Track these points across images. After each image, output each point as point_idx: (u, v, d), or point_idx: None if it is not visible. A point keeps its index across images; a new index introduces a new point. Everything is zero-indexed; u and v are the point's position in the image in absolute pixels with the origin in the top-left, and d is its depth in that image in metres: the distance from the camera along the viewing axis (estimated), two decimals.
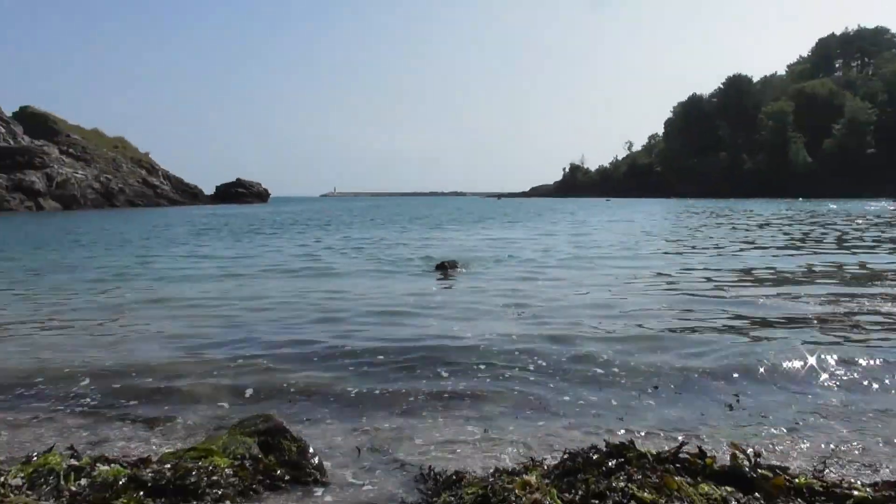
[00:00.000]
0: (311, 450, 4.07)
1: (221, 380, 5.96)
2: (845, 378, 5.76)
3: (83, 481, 3.23)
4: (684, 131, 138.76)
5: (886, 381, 5.66)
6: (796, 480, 3.30)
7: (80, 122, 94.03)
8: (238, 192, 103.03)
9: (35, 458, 3.46)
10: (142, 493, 3.15)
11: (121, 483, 3.20)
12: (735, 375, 5.86)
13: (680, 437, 4.21)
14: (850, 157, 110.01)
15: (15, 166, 70.57)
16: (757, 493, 3.18)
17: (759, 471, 3.34)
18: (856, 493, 3.14)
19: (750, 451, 3.55)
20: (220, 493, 3.41)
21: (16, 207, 65.97)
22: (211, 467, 3.58)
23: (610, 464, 3.41)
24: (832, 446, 4.26)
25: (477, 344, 7.01)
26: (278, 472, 3.78)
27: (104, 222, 42.01)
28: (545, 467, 3.64)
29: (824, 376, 5.78)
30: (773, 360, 6.15)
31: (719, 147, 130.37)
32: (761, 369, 5.99)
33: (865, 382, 5.65)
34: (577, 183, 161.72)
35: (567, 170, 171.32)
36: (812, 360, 6.09)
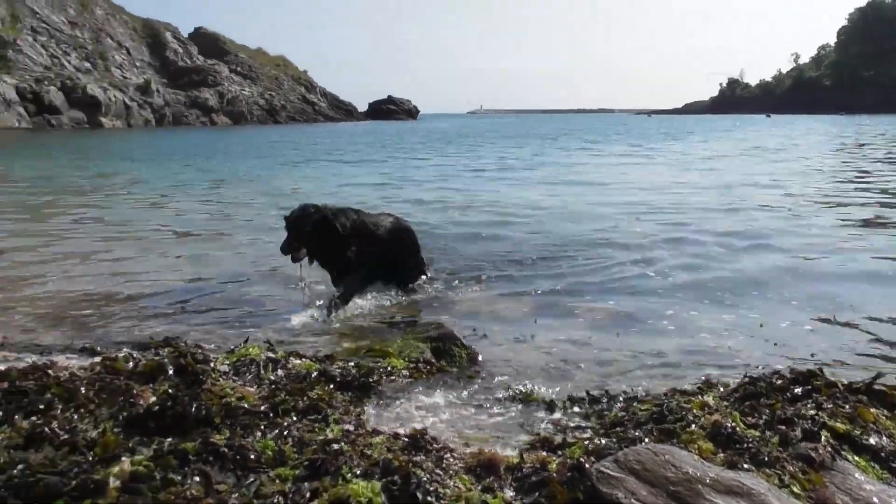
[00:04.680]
0: (480, 357, 4.19)
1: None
2: None
3: (280, 372, 3.52)
4: (861, 40, 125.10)
5: None
6: None
7: (245, 42, 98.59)
8: (389, 109, 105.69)
9: (237, 350, 3.79)
10: (331, 386, 3.39)
11: (313, 376, 3.45)
12: None
13: None
14: None
15: (191, 84, 76.63)
16: None
17: None
18: None
19: None
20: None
21: (193, 122, 71.54)
22: (389, 368, 3.79)
23: (796, 391, 3.26)
24: None
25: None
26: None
27: (315, 136, 44.46)
28: (720, 390, 3.54)
29: None
30: None
31: None
32: None
33: None
34: (735, 98, 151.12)
35: (724, 84, 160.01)
36: None
